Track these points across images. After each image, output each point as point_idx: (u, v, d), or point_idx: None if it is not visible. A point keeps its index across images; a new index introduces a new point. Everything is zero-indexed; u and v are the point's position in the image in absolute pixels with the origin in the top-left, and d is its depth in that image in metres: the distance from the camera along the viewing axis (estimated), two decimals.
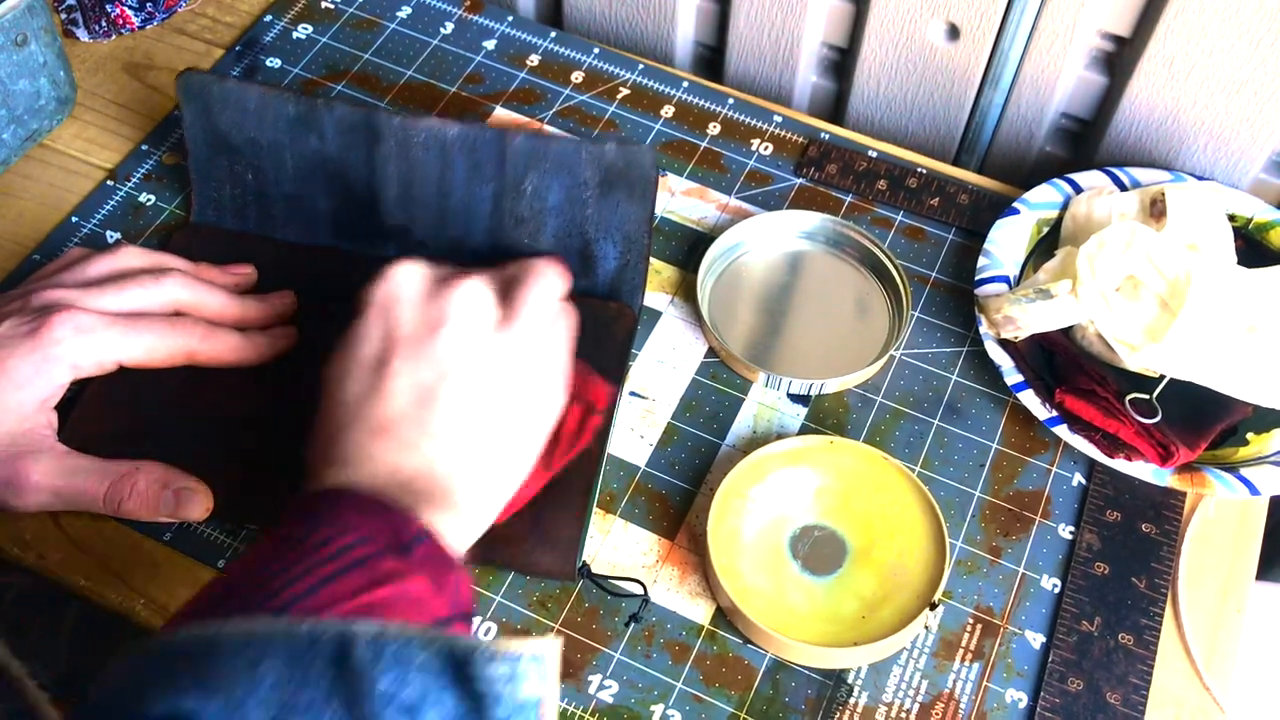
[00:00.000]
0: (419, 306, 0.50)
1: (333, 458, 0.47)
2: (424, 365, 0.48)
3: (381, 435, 0.47)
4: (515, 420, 0.50)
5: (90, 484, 0.54)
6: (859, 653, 0.54)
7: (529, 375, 0.51)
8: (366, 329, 0.50)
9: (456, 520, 0.47)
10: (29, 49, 0.67)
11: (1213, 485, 0.58)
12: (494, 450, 0.49)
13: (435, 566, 0.43)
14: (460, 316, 0.49)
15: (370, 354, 0.49)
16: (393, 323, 0.49)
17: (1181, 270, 0.59)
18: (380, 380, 0.48)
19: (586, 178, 0.62)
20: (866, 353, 0.64)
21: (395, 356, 0.48)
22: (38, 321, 0.54)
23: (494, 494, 0.50)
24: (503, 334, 0.50)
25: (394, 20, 0.78)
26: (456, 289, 0.50)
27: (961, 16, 0.71)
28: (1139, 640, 0.56)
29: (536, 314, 0.51)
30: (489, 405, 0.49)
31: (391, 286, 0.50)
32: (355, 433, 0.47)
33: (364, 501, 0.45)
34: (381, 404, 0.47)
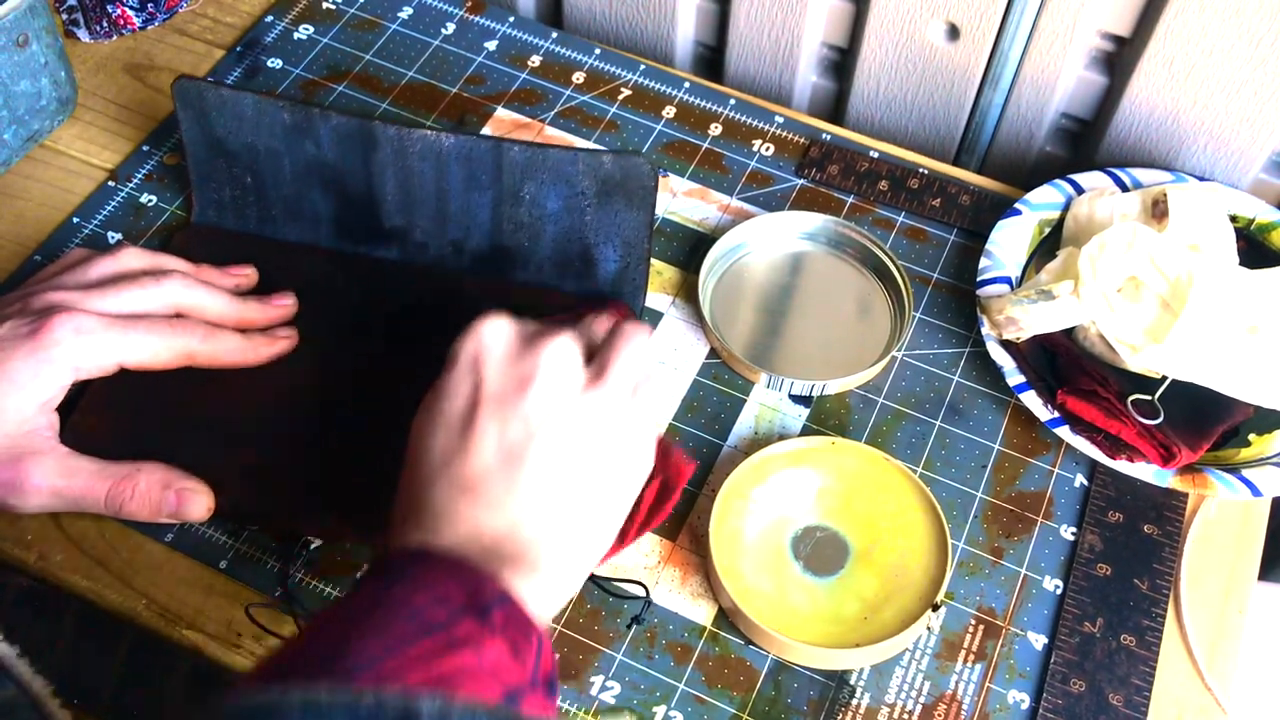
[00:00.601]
0: (507, 363, 0.49)
1: (416, 514, 0.47)
2: (512, 423, 0.47)
3: (467, 493, 0.46)
4: (602, 484, 0.49)
5: (91, 485, 0.54)
6: (861, 654, 0.54)
7: (617, 438, 0.49)
8: (454, 384, 0.49)
9: (539, 584, 0.45)
10: (30, 49, 0.67)
11: (1215, 486, 0.58)
12: (580, 514, 0.48)
13: (514, 631, 0.42)
14: (549, 375, 0.48)
15: (457, 410, 0.48)
16: (480, 378, 0.48)
17: (1183, 271, 0.59)
18: (467, 437, 0.47)
19: (584, 188, 0.62)
20: (868, 354, 0.64)
21: (482, 413, 0.47)
22: (38, 323, 0.54)
23: (578, 559, 0.48)
24: (591, 394, 0.49)
25: (395, 21, 0.78)
26: (546, 346, 0.49)
27: (961, 16, 0.71)
28: (1141, 641, 0.56)
29: (627, 375, 0.50)
30: (576, 467, 0.48)
31: (480, 341, 0.49)
32: (440, 489, 0.47)
33: (443, 561, 0.44)
34: (468, 461, 0.47)
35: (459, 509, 0.46)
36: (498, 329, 0.50)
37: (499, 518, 0.46)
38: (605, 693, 0.54)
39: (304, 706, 0.35)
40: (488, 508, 0.46)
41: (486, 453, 0.47)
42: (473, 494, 0.46)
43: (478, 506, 0.46)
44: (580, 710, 0.53)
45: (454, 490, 0.46)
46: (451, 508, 0.46)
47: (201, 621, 0.55)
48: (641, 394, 0.51)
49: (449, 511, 0.46)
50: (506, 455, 0.47)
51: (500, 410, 0.47)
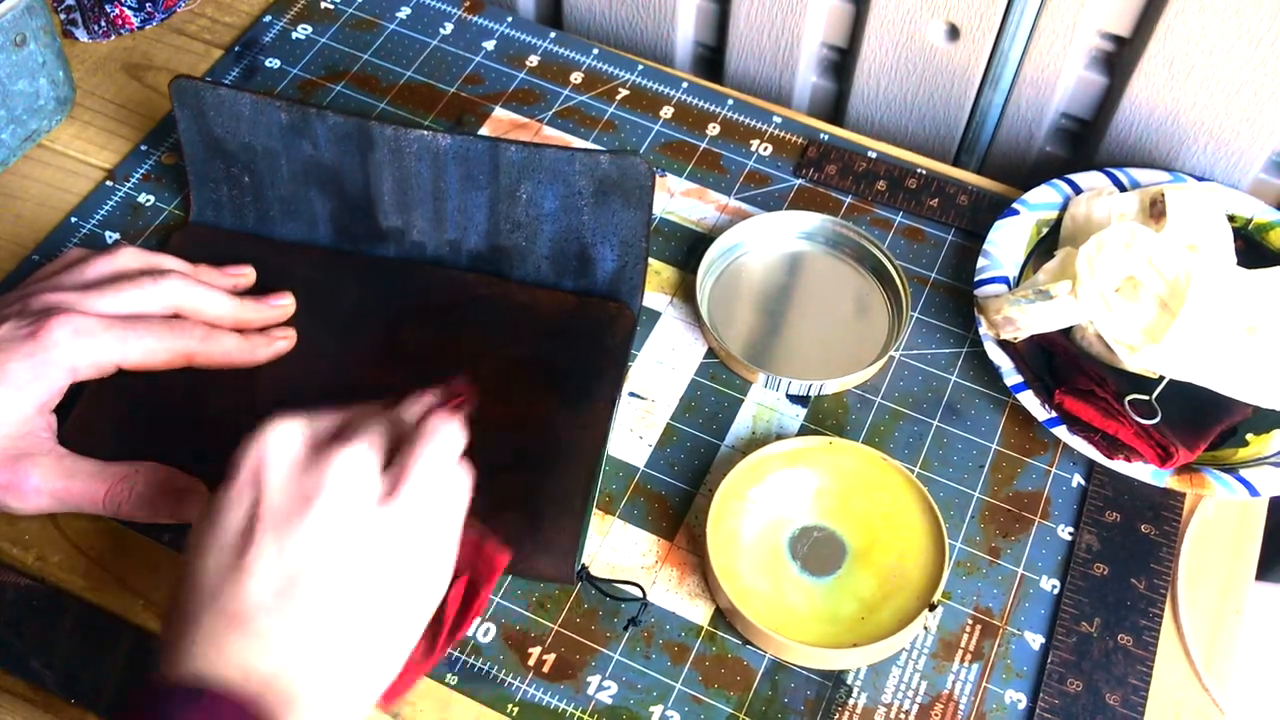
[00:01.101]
0: (292, 476, 0.44)
1: (184, 644, 0.42)
2: (289, 548, 0.43)
3: (236, 627, 0.42)
4: (388, 613, 0.45)
5: (89, 486, 0.54)
6: (858, 654, 0.54)
7: (410, 556, 0.45)
8: (233, 496, 0.44)
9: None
10: (28, 49, 0.67)
11: (1212, 486, 0.58)
12: (361, 648, 0.44)
13: None
14: (337, 490, 0.44)
15: (233, 527, 0.44)
16: (261, 493, 0.44)
17: (1181, 271, 0.59)
18: (240, 562, 0.43)
19: (581, 187, 0.62)
20: (866, 353, 0.64)
21: (259, 533, 0.43)
22: (36, 324, 0.54)
23: (358, 695, 0.44)
24: (384, 510, 0.44)
25: (393, 21, 0.78)
26: (336, 457, 0.44)
27: (961, 16, 0.71)
28: (1138, 641, 0.56)
29: (426, 484, 0.46)
30: (358, 598, 0.44)
31: (264, 450, 0.44)
32: (209, 617, 0.42)
33: (219, 703, 0.41)
34: (239, 590, 0.42)
35: (228, 643, 0.42)
36: (286, 435, 0.45)
37: (270, 658, 0.42)
38: (602, 692, 0.54)
39: None
40: (258, 645, 0.42)
41: (260, 582, 0.42)
42: (242, 628, 0.42)
43: (248, 641, 0.42)
44: (578, 710, 0.53)
45: (223, 620, 0.42)
46: (220, 641, 0.42)
47: None
48: (443, 502, 0.47)
49: (218, 645, 0.42)
50: (281, 586, 0.43)
51: (279, 532, 0.43)
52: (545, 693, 0.54)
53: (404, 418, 0.49)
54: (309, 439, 0.46)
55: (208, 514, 0.45)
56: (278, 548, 0.43)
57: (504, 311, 0.63)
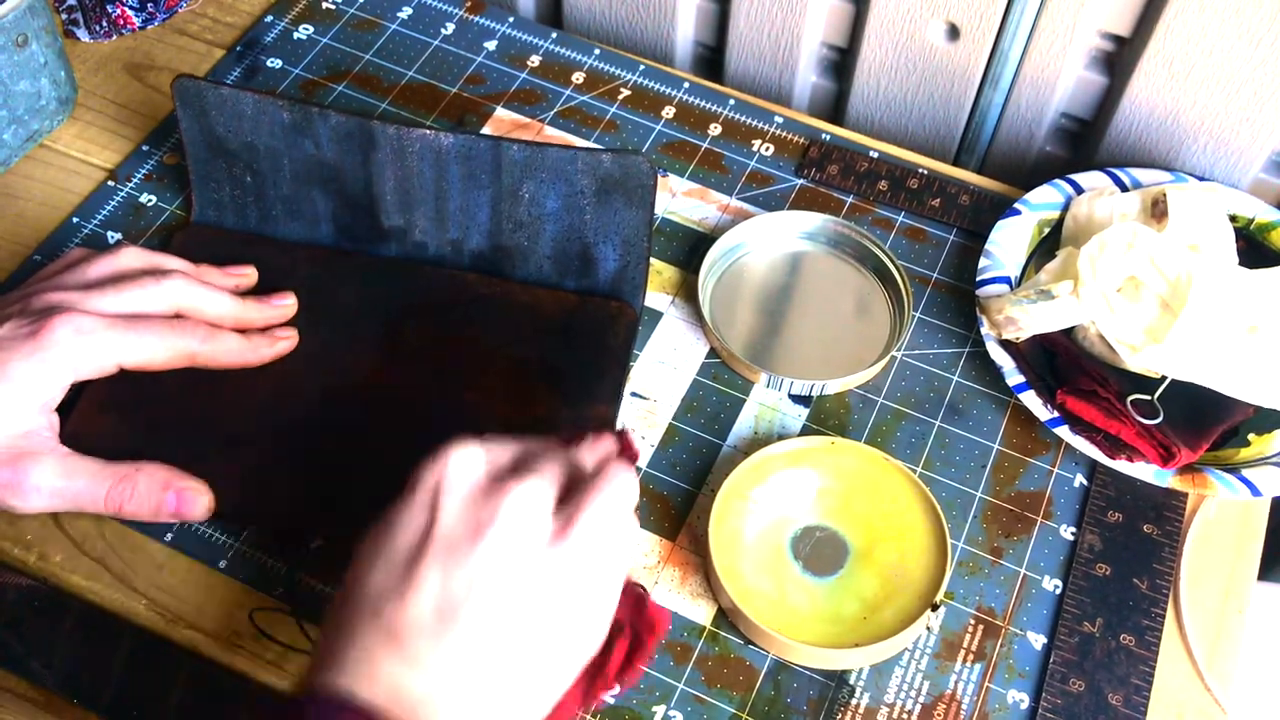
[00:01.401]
0: (469, 502, 0.44)
1: (339, 655, 0.43)
2: (457, 574, 0.43)
3: (392, 645, 0.42)
4: (543, 652, 0.44)
5: (91, 485, 0.54)
6: (860, 654, 0.54)
7: (573, 599, 0.45)
8: (407, 516, 0.44)
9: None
10: (30, 49, 0.67)
11: (1214, 486, 0.58)
12: (512, 684, 0.43)
13: None
14: (510, 524, 0.44)
15: (404, 546, 0.44)
16: (436, 516, 0.44)
17: (1183, 271, 0.59)
18: (407, 580, 0.43)
19: (583, 186, 0.62)
20: (868, 353, 0.64)
21: (429, 555, 0.43)
22: (38, 324, 0.54)
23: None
24: (553, 550, 0.44)
25: (395, 21, 0.78)
26: (513, 490, 0.44)
27: (961, 16, 0.71)
28: (1140, 641, 0.56)
29: (598, 529, 0.45)
30: (516, 634, 0.43)
31: (444, 472, 0.44)
32: (367, 631, 0.43)
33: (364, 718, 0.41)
34: (401, 610, 0.42)
35: (383, 661, 0.42)
36: (468, 460, 0.45)
37: (421, 680, 0.42)
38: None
39: None
40: (412, 665, 0.42)
41: (423, 604, 0.42)
42: (399, 646, 0.42)
43: (402, 665, 0.42)
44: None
45: (381, 637, 0.42)
46: (375, 657, 0.42)
47: (201, 621, 0.55)
48: (611, 550, 0.46)
49: (372, 661, 0.42)
50: (443, 611, 0.42)
51: (448, 557, 0.43)
52: None
53: (581, 459, 0.48)
54: (489, 467, 0.45)
55: (380, 527, 0.45)
56: (444, 573, 0.43)
57: (506, 311, 0.63)
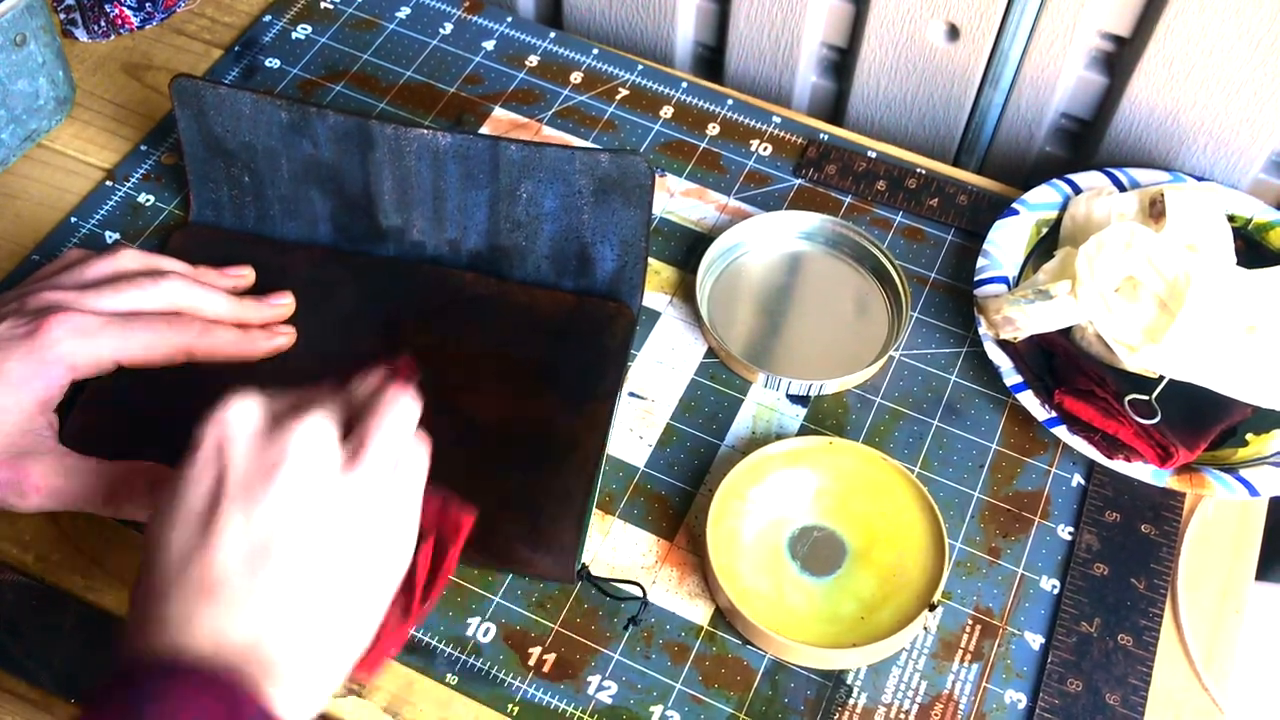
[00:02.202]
0: (254, 448, 0.44)
1: (155, 622, 0.42)
2: (256, 514, 0.43)
3: (207, 597, 0.42)
4: (358, 577, 0.45)
5: (89, 485, 0.54)
6: (858, 654, 0.54)
7: (374, 524, 0.45)
8: (195, 472, 0.44)
9: (292, 691, 0.42)
10: (28, 49, 0.67)
11: (1212, 486, 0.58)
12: (333, 613, 0.44)
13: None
14: (299, 458, 0.44)
15: (198, 501, 0.44)
16: (224, 467, 0.44)
17: (1181, 271, 0.59)
18: (208, 532, 0.43)
19: (581, 186, 0.62)
20: (866, 353, 0.64)
21: (225, 504, 0.43)
22: (34, 323, 0.54)
23: (334, 661, 0.45)
24: (347, 477, 0.45)
25: (393, 20, 0.78)
26: (297, 428, 0.45)
27: (961, 16, 0.71)
28: (1138, 641, 0.56)
29: (386, 451, 0.46)
30: (328, 561, 0.44)
31: (224, 425, 0.45)
32: (179, 591, 0.42)
33: (192, 677, 0.40)
34: (208, 560, 0.42)
35: (200, 615, 0.42)
36: (244, 411, 0.45)
37: (244, 626, 0.42)
38: (602, 692, 0.54)
39: None
40: (231, 613, 0.42)
41: (228, 551, 0.43)
42: (214, 598, 0.42)
43: (220, 612, 0.42)
44: (578, 710, 0.53)
45: (194, 593, 0.42)
46: (192, 613, 0.42)
47: None
48: (402, 471, 0.47)
49: (190, 618, 0.42)
50: (250, 554, 0.43)
51: (244, 503, 0.43)
52: (545, 693, 0.54)
53: (355, 394, 0.49)
54: (267, 414, 0.46)
55: (171, 491, 0.45)
56: (245, 516, 0.43)
57: (503, 311, 0.63)
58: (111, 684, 0.41)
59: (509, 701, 0.53)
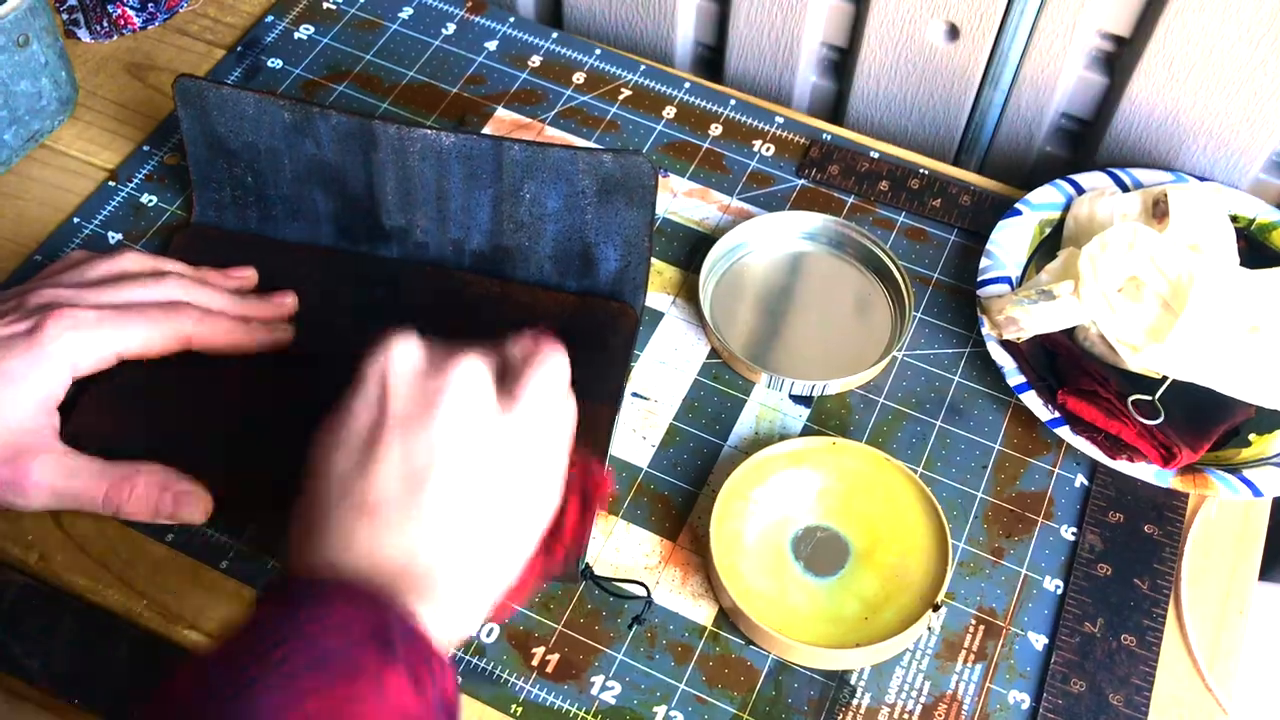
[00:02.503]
0: (415, 383, 0.47)
1: (315, 538, 0.45)
2: (416, 445, 0.46)
3: (366, 516, 0.45)
4: (508, 510, 0.47)
5: (90, 485, 0.54)
6: (861, 654, 0.54)
7: (526, 463, 0.48)
8: (360, 402, 0.47)
9: (440, 611, 0.44)
10: (30, 49, 0.67)
11: (1215, 486, 0.58)
12: (483, 542, 0.46)
13: (416, 660, 0.41)
14: (457, 396, 0.47)
15: (361, 429, 0.46)
16: (387, 398, 0.47)
17: (1184, 271, 0.59)
18: (369, 458, 0.46)
19: (584, 186, 0.62)
20: (869, 354, 0.64)
21: (387, 433, 0.46)
22: (34, 321, 0.54)
23: (482, 587, 0.47)
24: (502, 418, 0.48)
25: (395, 21, 0.78)
26: (455, 367, 0.47)
27: (961, 16, 0.71)
28: (1141, 641, 0.56)
29: (538, 400, 0.49)
30: (479, 492, 0.46)
31: (388, 361, 0.48)
32: (339, 511, 0.45)
33: (345, 589, 0.43)
34: (369, 482, 0.45)
35: (358, 533, 0.44)
36: (406, 349, 0.48)
37: (399, 543, 0.44)
38: (606, 692, 0.54)
39: None
40: (387, 532, 0.44)
41: (388, 475, 0.45)
42: (372, 518, 0.45)
43: (377, 531, 0.44)
44: (581, 710, 0.53)
45: (353, 513, 0.45)
46: (351, 532, 0.44)
47: (201, 621, 0.55)
48: (553, 420, 0.49)
49: (348, 536, 0.44)
50: (408, 478, 0.45)
51: (405, 432, 0.46)
52: (549, 693, 0.54)
53: (509, 350, 0.51)
54: (428, 353, 0.48)
55: (336, 420, 0.47)
56: (404, 446, 0.45)
57: (506, 312, 0.63)
58: (270, 594, 0.43)
59: (512, 702, 0.53)
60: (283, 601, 0.43)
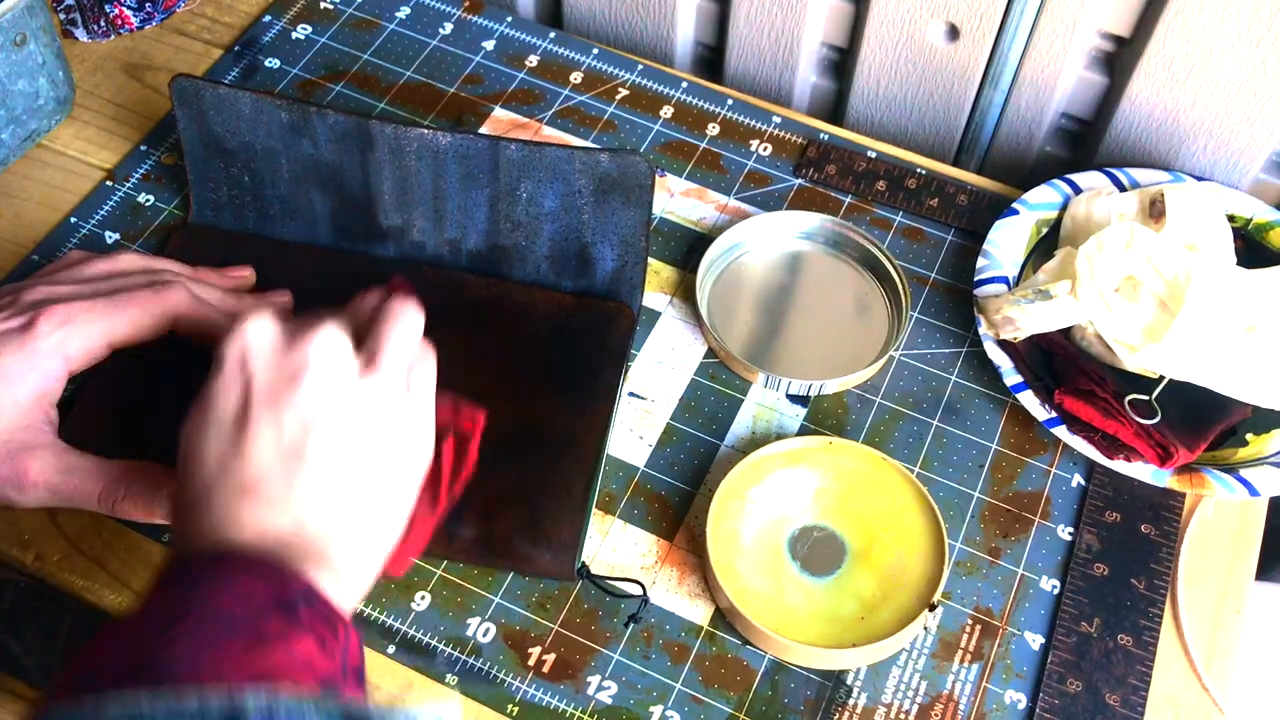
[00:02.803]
0: (275, 359, 0.47)
1: (200, 519, 0.45)
2: (286, 418, 0.46)
3: (247, 496, 0.45)
4: (386, 470, 0.48)
5: (86, 482, 0.54)
6: (858, 654, 0.54)
7: (396, 421, 0.49)
8: (223, 386, 0.47)
9: (335, 578, 0.45)
10: (28, 49, 0.67)
11: (1212, 486, 0.58)
12: (366, 503, 0.47)
13: (321, 625, 0.42)
14: (320, 365, 0.47)
15: (229, 410, 0.47)
16: (250, 377, 0.47)
17: (1181, 271, 0.59)
18: (242, 437, 0.46)
19: (581, 186, 0.62)
20: (866, 353, 0.64)
21: (255, 411, 0.46)
22: (27, 318, 0.54)
23: (371, 548, 0.48)
24: (365, 381, 0.48)
25: (393, 20, 0.78)
26: (313, 338, 0.48)
27: (961, 17, 0.71)
28: (1138, 641, 0.56)
29: (398, 357, 0.50)
30: (357, 456, 0.47)
31: (244, 340, 0.48)
32: (220, 492, 0.45)
33: (241, 560, 0.43)
34: (245, 462, 0.45)
35: (243, 512, 0.45)
36: (261, 327, 0.48)
37: (283, 518, 0.45)
38: (602, 692, 0.54)
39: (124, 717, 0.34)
40: (270, 508, 0.45)
41: (263, 453, 0.46)
42: (253, 496, 0.45)
43: (261, 507, 0.45)
44: (577, 710, 0.53)
45: (235, 493, 0.45)
46: (236, 511, 0.45)
47: None
48: (415, 374, 0.50)
49: (234, 515, 0.45)
50: (284, 453, 0.46)
51: (273, 407, 0.46)
52: (545, 693, 0.54)
53: (359, 310, 0.52)
54: (283, 328, 0.49)
55: (200, 406, 0.47)
56: (274, 420, 0.46)
57: (503, 312, 0.63)
58: (165, 573, 0.43)
59: (509, 702, 0.53)
60: (184, 579, 0.42)
